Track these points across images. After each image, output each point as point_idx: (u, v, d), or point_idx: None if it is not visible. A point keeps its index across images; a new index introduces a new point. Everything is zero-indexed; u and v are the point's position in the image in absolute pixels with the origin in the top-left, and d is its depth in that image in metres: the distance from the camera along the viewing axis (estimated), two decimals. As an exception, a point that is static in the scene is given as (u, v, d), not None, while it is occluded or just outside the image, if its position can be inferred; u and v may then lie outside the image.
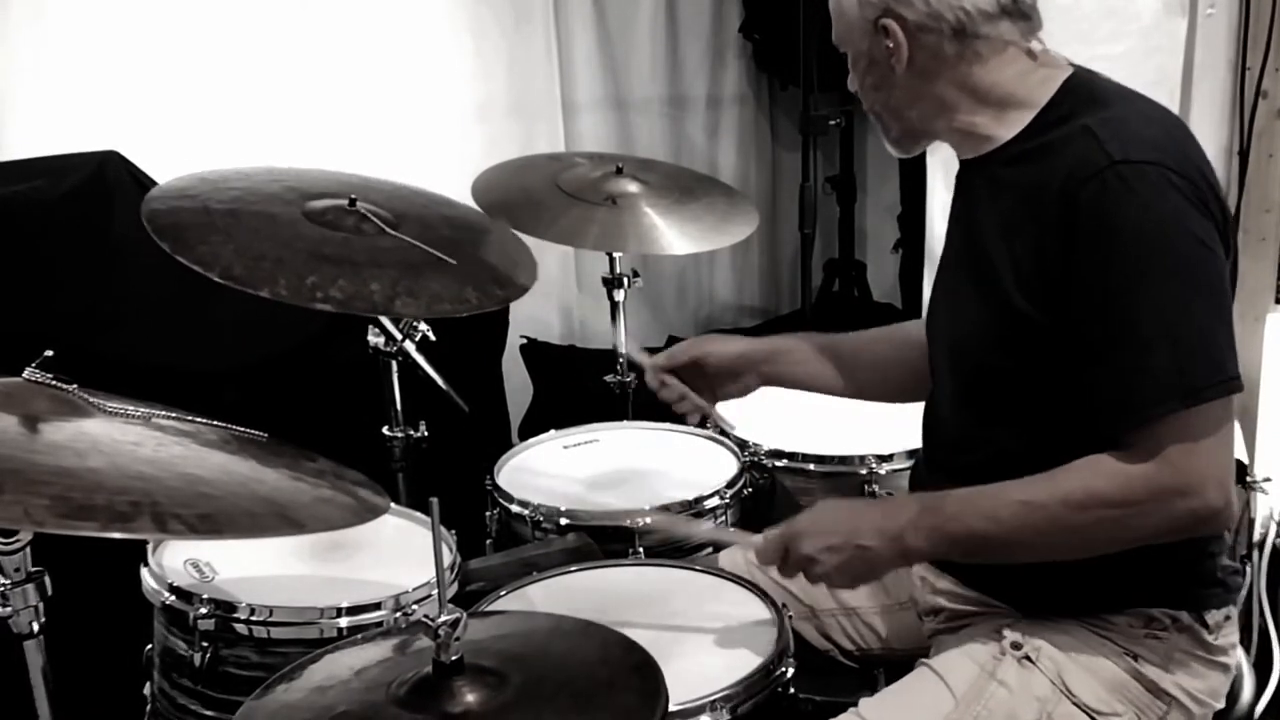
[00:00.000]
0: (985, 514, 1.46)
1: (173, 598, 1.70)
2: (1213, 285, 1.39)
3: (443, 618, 1.22)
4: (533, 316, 3.38)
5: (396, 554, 1.84)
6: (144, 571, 1.76)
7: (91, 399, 1.36)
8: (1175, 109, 2.65)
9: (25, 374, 1.36)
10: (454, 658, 1.24)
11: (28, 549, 1.32)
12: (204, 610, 1.66)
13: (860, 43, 1.55)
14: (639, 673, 1.31)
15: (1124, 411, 1.39)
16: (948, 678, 1.54)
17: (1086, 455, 1.41)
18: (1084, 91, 1.49)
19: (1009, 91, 1.51)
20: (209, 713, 1.69)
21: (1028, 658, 1.52)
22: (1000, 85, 1.51)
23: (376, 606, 1.68)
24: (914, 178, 3.24)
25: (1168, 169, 1.37)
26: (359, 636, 1.48)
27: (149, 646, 1.81)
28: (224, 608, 1.66)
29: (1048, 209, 1.41)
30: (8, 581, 1.32)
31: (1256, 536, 2.57)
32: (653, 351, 1.97)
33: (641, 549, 1.99)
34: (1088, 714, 1.50)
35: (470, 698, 1.23)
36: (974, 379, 1.56)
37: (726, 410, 1.98)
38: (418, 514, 1.92)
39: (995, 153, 1.52)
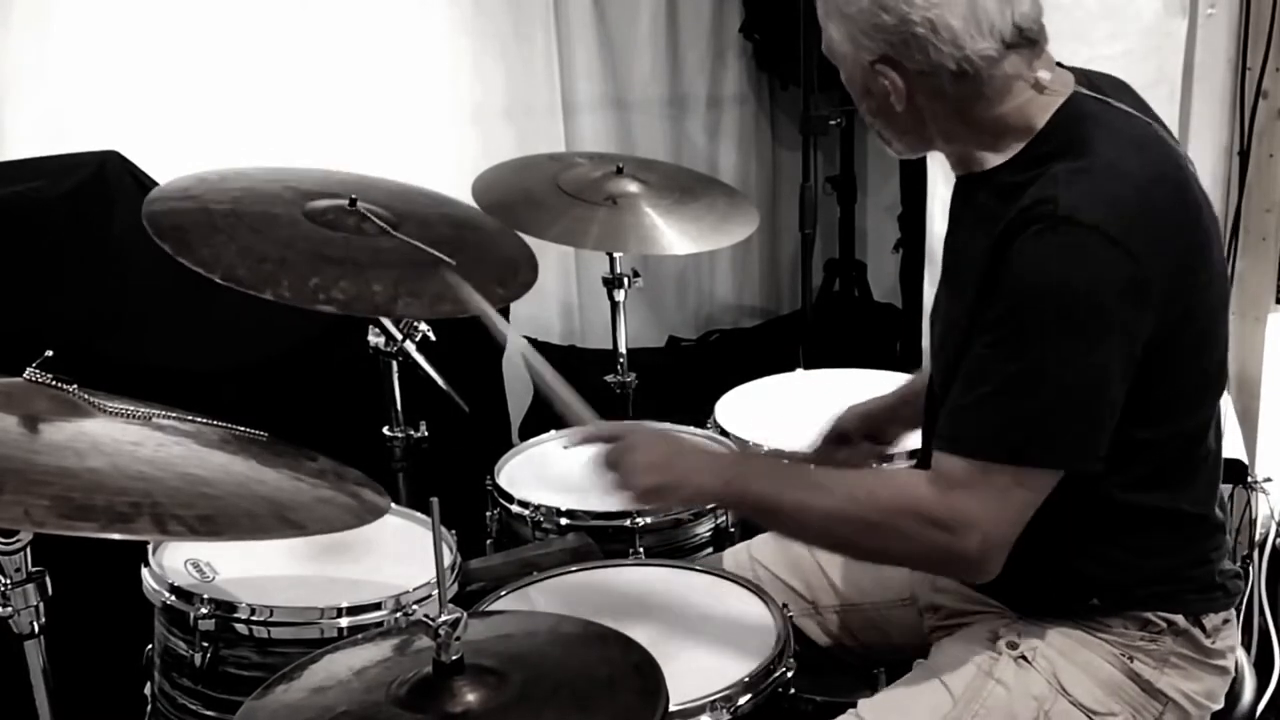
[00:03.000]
0: (780, 482, 1.52)
1: (173, 598, 1.70)
2: (1099, 371, 1.35)
3: (443, 617, 1.22)
4: (533, 316, 3.38)
5: (397, 554, 1.83)
6: (144, 571, 1.75)
7: (92, 399, 1.36)
8: (1175, 109, 2.65)
9: (26, 374, 1.36)
10: (454, 658, 1.24)
11: (28, 549, 1.32)
12: (204, 610, 1.66)
13: (854, 72, 1.50)
14: (639, 672, 1.31)
15: (940, 436, 1.42)
16: (946, 678, 1.54)
17: (1097, 499, 1.43)
18: (1070, 126, 1.44)
19: (1009, 122, 1.46)
20: (209, 713, 1.69)
21: (1024, 657, 1.52)
22: (1001, 117, 1.46)
23: (377, 606, 1.68)
24: (914, 178, 3.24)
25: (1108, 236, 1.32)
26: (359, 636, 1.48)
27: (149, 646, 1.81)
28: (224, 608, 1.66)
29: (996, 249, 1.39)
30: (8, 581, 1.32)
31: (1257, 537, 2.57)
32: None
33: (641, 549, 1.99)
34: (1084, 713, 1.50)
35: (471, 697, 1.23)
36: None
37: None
38: (418, 514, 1.92)
39: (985, 177, 1.49)
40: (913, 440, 2.11)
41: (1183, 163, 1.50)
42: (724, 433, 2.28)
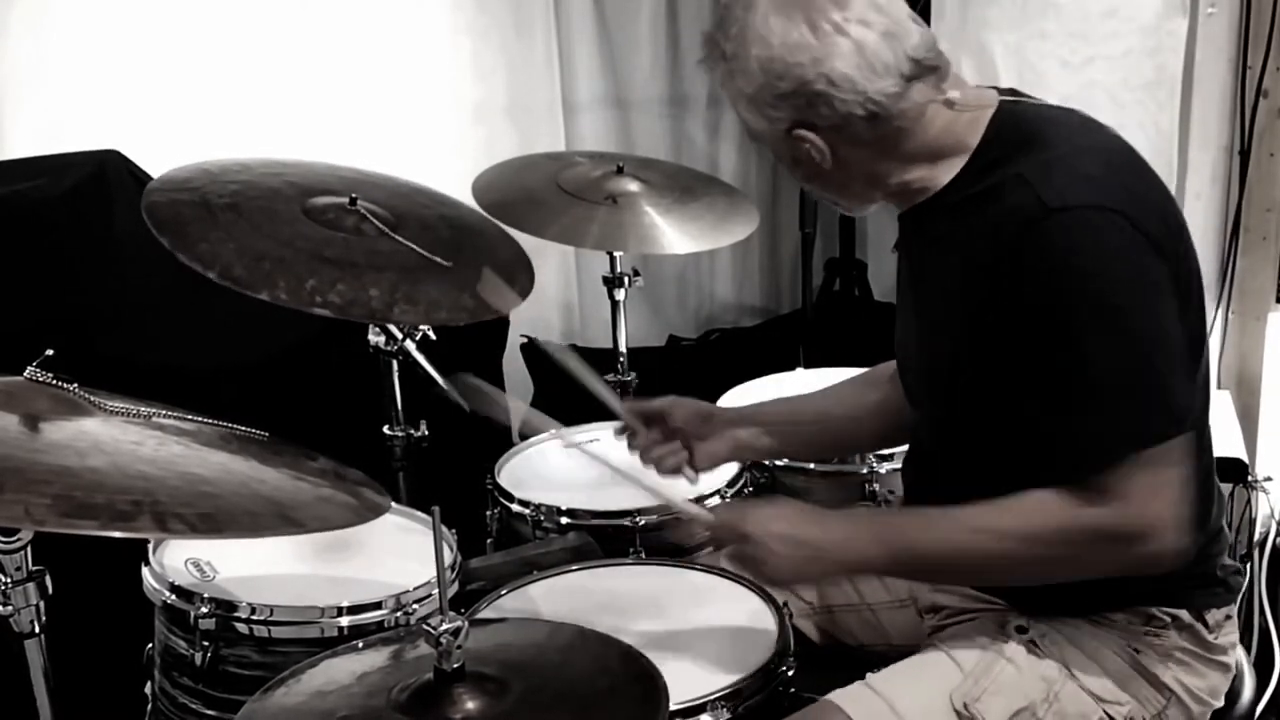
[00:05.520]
0: (938, 536, 1.46)
1: (173, 597, 1.70)
2: (1162, 327, 1.38)
3: (445, 626, 1.22)
4: (533, 316, 3.38)
5: (397, 553, 1.84)
6: (145, 570, 1.76)
7: (92, 398, 1.36)
8: (1175, 108, 2.65)
9: (26, 373, 1.36)
10: (455, 665, 1.23)
11: (28, 548, 1.32)
12: (205, 609, 1.66)
13: (777, 147, 1.51)
14: (640, 681, 1.30)
15: (1082, 458, 1.39)
16: (956, 655, 1.55)
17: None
18: (1013, 129, 1.46)
19: (939, 145, 1.47)
20: (210, 712, 1.69)
21: (1034, 643, 1.53)
22: (929, 143, 1.47)
23: (377, 606, 1.68)
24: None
25: (1108, 210, 1.35)
26: (358, 642, 1.48)
27: (150, 645, 1.82)
28: (225, 607, 1.66)
29: (992, 261, 1.39)
30: (8, 580, 1.32)
31: (1257, 536, 2.57)
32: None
33: (642, 548, 1.99)
34: (1093, 698, 1.51)
35: (471, 705, 1.23)
36: (950, 420, 1.56)
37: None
38: (418, 513, 1.92)
39: (934, 200, 1.50)
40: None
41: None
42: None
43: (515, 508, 2.07)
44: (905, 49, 1.41)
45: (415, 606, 1.68)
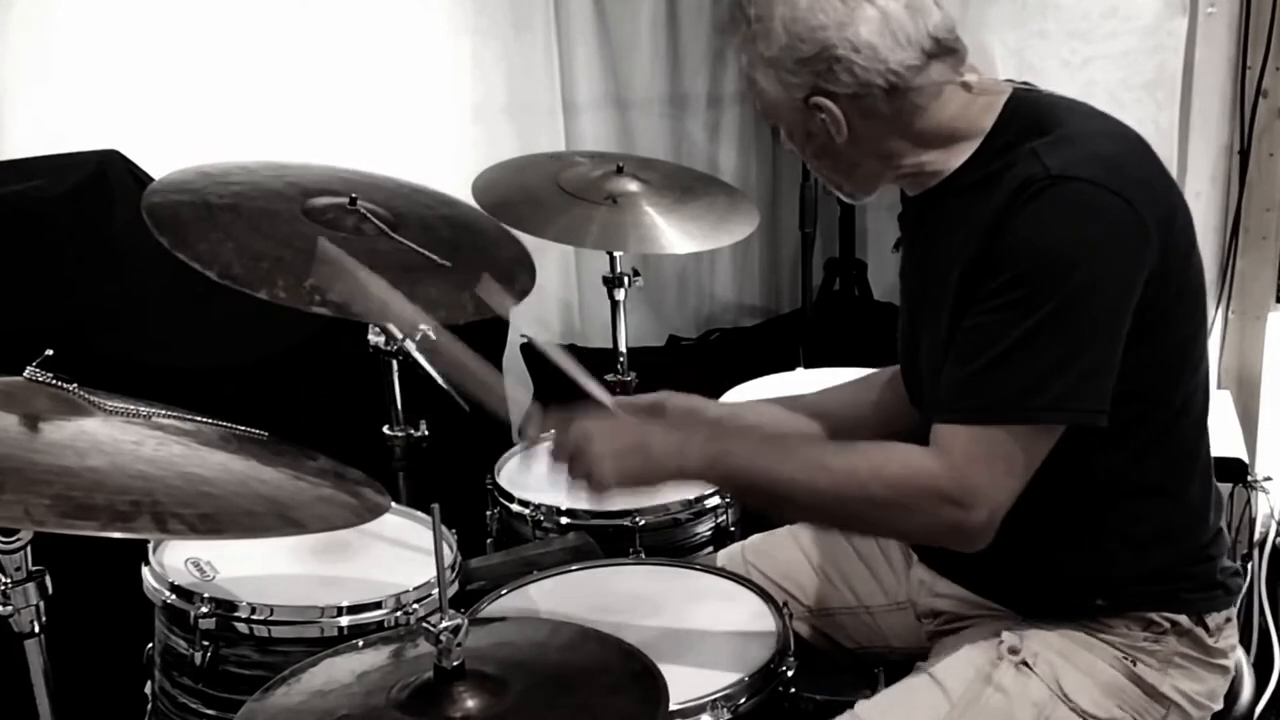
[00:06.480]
0: (770, 457, 1.46)
1: (173, 596, 1.70)
2: (1096, 319, 1.36)
3: (444, 623, 1.22)
4: (533, 316, 3.38)
5: (397, 553, 1.84)
6: (145, 570, 1.76)
7: (92, 398, 1.36)
8: (1175, 108, 2.65)
9: (26, 373, 1.36)
10: (455, 663, 1.24)
11: (28, 548, 1.32)
12: (205, 609, 1.66)
13: (791, 118, 1.51)
14: (640, 680, 1.31)
15: (946, 407, 1.39)
16: (945, 682, 1.53)
17: (1087, 484, 1.42)
18: (1027, 113, 1.47)
19: (953, 128, 1.48)
20: (210, 712, 1.69)
21: (1025, 663, 1.52)
22: (943, 125, 1.48)
23: (377, 606, 1.68)
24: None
25: (1109, 190, 1.35)
26: (358, 642, 1.48)
27: (150, 645, 1.82)
28: (225, 607, 1.66)
29: (984, 229, 1.39)
30: (8, 580, 1.32)
31: (1257, 536, 2.57)
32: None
33: (641, 549, 1.99)
34: (1085, 719, 1.50)
35: (471, 703, 1.23)
36: None
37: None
38: (418, 513, 1.92)
39: (945, 184, 1.50)
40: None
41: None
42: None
43: (515, 508, 2.07)
44: (927, 25, 1.42)
45: (415, 606, 1.68)
